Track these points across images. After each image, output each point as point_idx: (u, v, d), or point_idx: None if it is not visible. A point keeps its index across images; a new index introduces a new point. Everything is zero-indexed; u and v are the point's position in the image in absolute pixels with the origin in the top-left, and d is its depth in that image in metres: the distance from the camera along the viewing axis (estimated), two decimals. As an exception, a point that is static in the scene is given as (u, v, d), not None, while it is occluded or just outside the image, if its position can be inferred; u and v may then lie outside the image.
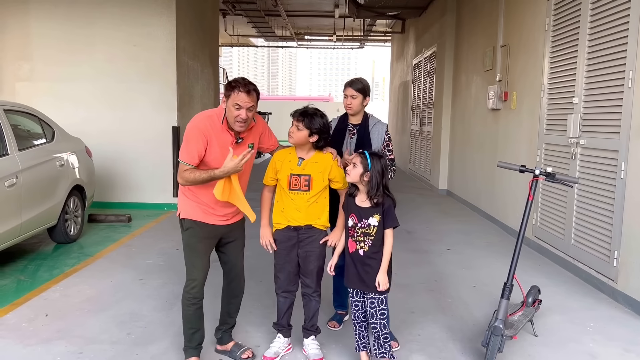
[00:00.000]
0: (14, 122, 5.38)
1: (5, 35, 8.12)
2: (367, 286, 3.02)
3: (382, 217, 2.98)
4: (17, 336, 3.62)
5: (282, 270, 3.34)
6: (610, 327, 3.98)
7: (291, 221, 3.26)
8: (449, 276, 5.10)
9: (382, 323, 3.03)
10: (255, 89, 3.06)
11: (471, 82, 9.00)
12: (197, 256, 3.15)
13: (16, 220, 5.00)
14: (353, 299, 3.14)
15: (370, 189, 2.96)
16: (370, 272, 2.99)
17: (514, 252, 3.31)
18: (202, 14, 9.71)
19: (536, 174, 3.30)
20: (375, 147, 3.52)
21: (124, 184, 8.16)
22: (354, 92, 3.57)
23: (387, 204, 2.99)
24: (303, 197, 3.22)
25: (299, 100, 38.64)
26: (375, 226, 2.97)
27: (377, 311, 3.02)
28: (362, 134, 3.61)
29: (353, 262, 3.05)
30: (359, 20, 16.73)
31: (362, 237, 3.00)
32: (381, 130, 3.62)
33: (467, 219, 8.11)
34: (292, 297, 3.39)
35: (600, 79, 4.83)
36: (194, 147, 3.01)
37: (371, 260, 3.00)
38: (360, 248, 3.00)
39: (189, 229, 3.15)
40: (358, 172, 2.97)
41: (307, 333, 3.42)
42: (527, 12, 6.59)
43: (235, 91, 2.99)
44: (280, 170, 3.28)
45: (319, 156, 3.26)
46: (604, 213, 4.71)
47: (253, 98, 3.02)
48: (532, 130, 6.29)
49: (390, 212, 2.99)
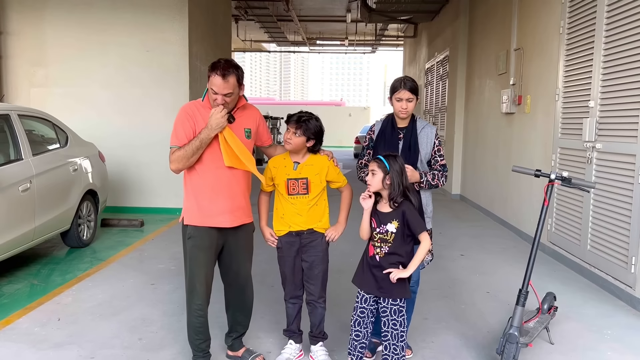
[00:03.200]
0: (29, 127, 5.43)
1: (20, 41, 8.22)
2: (381, 292, 2.93)
3: (402, 225, 2.88)
4: (29, 340, 3.63)
5: (287, 277, 3.32)
6: (628, 335, 3.90)
7: (292, 226, 3.23)
8: (463, 282, 5.04)
9: (394, 334, 2.91)
10: (236, 72, 2.90)
11: (484, 86, 8.94)
12: (199, 267, 3.05)
13: (30, 224, 5.03)
14: (359, 305, 2.99)
15: (392, 190, 2.89)
16: (385, 278, 2.89)
17: (529, 258, 3.25)
18: (214, 19, 9.77)
19: (552, 178, 3.24)
20: (424, 152, 3.25)
21: (137, 188, 8.21)
22: (410, 95, 3.19)
23: (407, 210, 2.88)
24: (303, 201, 3.19)
25: (311, 105, 38.70)
26: (393, 233, 2.88)
27: (389, 320, 2.91)
28: (409, 139, 3.27)
29: (369, 266, 2.98)
30: (371, 25, 16.74)
31: (379, 243, 2.93)
32: (430, 134, 3.28)
33: (481, 223, 8.03)
34: (300, 302, 3.37)
35: (617, 82, 4.75)
36: (180, 129, 2.96)
37: (387, 265, 2.89)
38: (377, 254, 2.94)
39: (191, 237, 3.05)
40: (379, 178, 2.89)
41: (315, 340, 3.39)
42: (541, 14, 6.53)
43: (212, 74, 2.86)
44: (276, 176, 3.25)
45: (314, 159, 3.24)
46: (621, 218, 4.63)
47: (229, 84, 2.87)
48: (547, 134, 6.21)
49: (413, 218, 2.88)
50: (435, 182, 3.23)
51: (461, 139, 10.40)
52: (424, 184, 3.19)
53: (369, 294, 2.98)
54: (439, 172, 3.26)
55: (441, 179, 3.26)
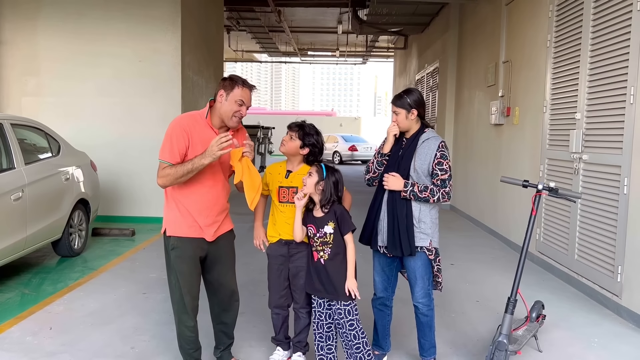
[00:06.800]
0: (21, 136, 5.43)
1: (12, 50, 8.22)
2: (330, 293, 3.04)
3: (336, 224, 3.03)
4: (21, 350, 3.63)
5: (273, 286, 3.36)
6: (614, 343, 3.96)
7: (282, 234, 3.28)
8: (453, 291, 5.09)
9: (352, 334, 3.03)
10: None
11: (474, 97, 9.06)
12: (184, 278, 3.01)
13: (21, 233, 5.03)
14: (316, 309, 3.14)
15: (322, 197, 3.04)
16: (332, 278, 3.02)
17: (518, 267, 3.31)
18: (207, 30, 9.83)
19: (539, 188, 3.31)
20: (419, 163, 3.16)
21: (128, 198, 8.20)
22: (395, 108, 3.27)
23: (338, 210, 3.05)
24: (292, 210, 3.22)
25: (302, 115, 38.77)
26: (332, 233, 3.03)
27: (345, 322, 3.03)
28: (406, 149, 3.25)
29: (316, 271, 3.09)
30: (362, 36, 16.89)
31: (322, 247, 3.05)
32: (432, 146, 3.17)
33: (471, 233, 8.10)
34: (284, 313, 3.40)
35: (602, 95, 4.86)
36: (175, 144, 2.90)
37: (332, 267, 3.03)
38: (321, 257, 3.06)
39: (174, 248, 3.01)
40: (313, 181, 3.04)
41: (295, 348, 3.43)
42: (528, 28, 6.66)
43: (239, 86, 2.96)
44: (270, 183, 3.33)
45: (306, 169, 3.27)
46: (607, 228, 4.72)
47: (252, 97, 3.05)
48: (535, 146, 6.31)
49: (344, 218, 3.04)
50: (425, 195, 3.09)
51: (451, 150, 10.50)
52: (408, 193, 3.11)
53: (321, 298, 3.11)
54: (436, 186, 3.12)
55: (436, 194, 3.10)
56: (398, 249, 3.16)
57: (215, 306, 3.31)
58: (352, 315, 3.03)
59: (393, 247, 3.18)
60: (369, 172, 3.37)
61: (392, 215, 3.18)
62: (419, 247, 3.17)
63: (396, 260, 3.33)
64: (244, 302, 3.74)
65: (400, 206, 3.16)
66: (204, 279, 3.23)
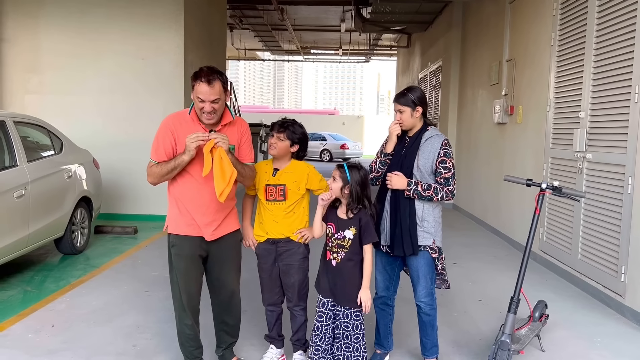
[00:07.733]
0: (23, 133, 5.43)
1: (15, 48, 8.22)
2: (336, 298, 2.98)
3: (358, 232, 2.94)
4: (23, 347, 3.63)
5: (265, 285, 3.36)
6: (617, 343, 3.95)
7: (269, 233, 3.25)
8: (455, 290, 5.08)
9: (356, 346, 2.95)
10: (220, 78, 2.85)
11: (477, 96, 9.03)
12: (181, 276, 3.03)
13: (24, 231, 5.03)
14: (319, 309, 3.03)
15: (351, 201, 2.95)
16: (340, 285, 2.95)
17: (521, 266, 3.30)
18: (209, 28, 9.81)
19: (543, 187, 3.30)
20: (423, 162, 3.14)
21: (131, 195, 8.21)
22: (399, 106, 3.21)
23: (364, 218, 2.94)
24: (280, 207, 3.21)
25: (304, 113, 38.85)
26: (350, 239, 2.94)
27: (352, 335, 2.95)
28: (409, 148, 3.23)
29: (325, 271, 3.03)
30: (365, 35, 16.86)
31: (336, 249, 2.97)
32: (435, 144, 3.16)
33: (474, 232, 8.09)
34: (278, 310, 3.40)
35: (607, 94, 4.84)
36: (160, 143, 2.96)
37: (341, 271, 2.95)
38: (334, 259, 2.98)
39: (174, 246, 3.04)
40: (338, 186, 2.96)
41: (294, 347, 3.42)
42: (532, 26, 6.63)
43: (197, 82, 2.81)
44: (257, 181, 3.28)
45: (294, 166, 3.26)
46: (611, 228, 4.70)
47: (215, 90, 2.81)
48: (539, 144, 6.29)
49: (368, 228, 2.94)
50: (428, 194, 3.08)
51: (454, 149, 10.46)
52: (412, 192, 3.10)
53: (326, 298, 3.02)
54: (440, 185, 3.11)
55: (440, 193, 3.09)
56: (400, 249, 3.15)
57: (216, 306, 3.31)
58: (359, 330, 2.94)
59: (395, 247, 3.17)
60: (372, 172, 3.34)
61: (394, 214, 3.17)
62: (422, 245, 3.16)
63: (398, 259, 3.31)
64: (246, 301, 3.73)
65: (403, 205, 3.15)
66: (206, 278, 3.23)
